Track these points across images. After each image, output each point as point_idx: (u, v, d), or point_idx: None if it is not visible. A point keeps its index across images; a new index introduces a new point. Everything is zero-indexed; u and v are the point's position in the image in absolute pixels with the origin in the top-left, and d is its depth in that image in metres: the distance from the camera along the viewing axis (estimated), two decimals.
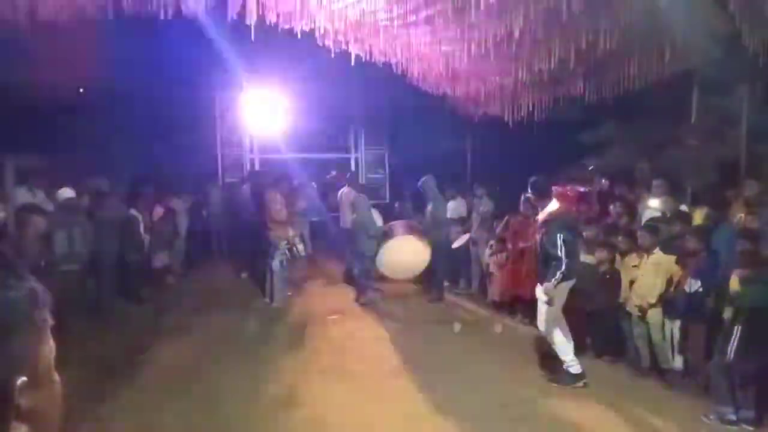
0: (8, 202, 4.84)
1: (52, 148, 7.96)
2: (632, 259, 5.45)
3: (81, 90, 9.65)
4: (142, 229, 7.77)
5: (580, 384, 4.87)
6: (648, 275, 5.16)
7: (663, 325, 5.09)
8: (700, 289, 4.70)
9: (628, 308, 5.29)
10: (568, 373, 4.93)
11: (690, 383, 4.88)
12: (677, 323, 5.01)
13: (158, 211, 8.51)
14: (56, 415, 0.73)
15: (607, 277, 5.57)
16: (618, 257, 5.64)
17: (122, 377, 5.09)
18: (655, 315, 5.11)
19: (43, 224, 3.47)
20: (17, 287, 0.68)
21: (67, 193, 6.47)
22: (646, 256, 5.26)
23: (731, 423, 4.15)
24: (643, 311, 5.16)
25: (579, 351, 5.14)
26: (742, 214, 5.43)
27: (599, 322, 5.61)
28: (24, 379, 0.65)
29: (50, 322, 0.74)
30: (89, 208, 7.04)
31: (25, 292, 0.69)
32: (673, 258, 5.09)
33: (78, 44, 7.44)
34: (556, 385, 4.93)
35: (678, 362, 5.06)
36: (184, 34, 7.17)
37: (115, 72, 8.73)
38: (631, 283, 5.33)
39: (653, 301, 5.08)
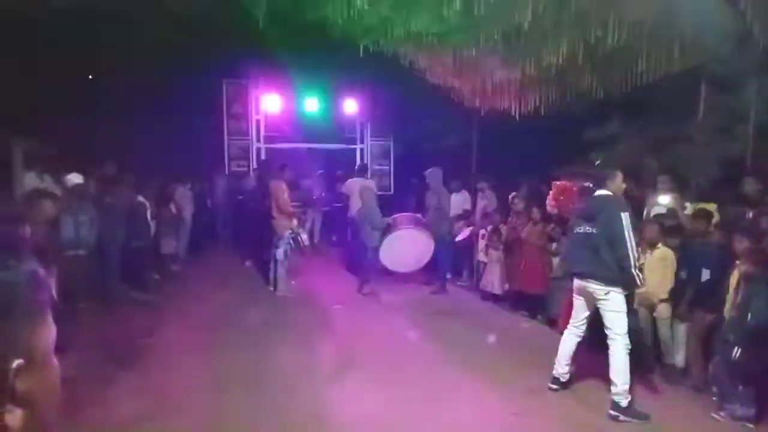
0: (16, 184, 4.89)
1: (61, 133, 8.00)
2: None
3: (90, 76, 9.69)
4: (149, 216, 7.82)
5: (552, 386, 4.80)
6: (656, 270, 5.13)
7: (672, 320, 5.09)
8: (709, 277, 4.72)
9: (635, 305, 5.27)
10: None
11: (690, 379, 4.90)
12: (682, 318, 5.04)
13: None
14: (53, 400, 0.72)
15: None
16: None
17: (127, 362, 5.15)
18: (665, 310, 5.10)
19: (53, 209, 3.50)
20: (17, 269, 0.68)
21: (75, 178, 6.52)
22: (650, 251, 5.24)
23: (739, 419, 4.17)
24: (652, 306, 5.15)
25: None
26: (751, 212, 5.41)
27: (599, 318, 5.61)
28: (20, 361, 0.65)
29: (50, 306, 0.74)
30: (97, 194, 7.10)
31: (25, 274, 0.69)
32: (671, 252, 5.10)
33: (87, 30, 7.47)
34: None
35: (679, 358, 5.07)
36: (192, 23, 7.19)
37: (123, 58, 8.76)
38: None
39: (665, 296, 5.06)
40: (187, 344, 5.75)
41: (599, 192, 4.55)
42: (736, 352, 4.10)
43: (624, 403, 4.27)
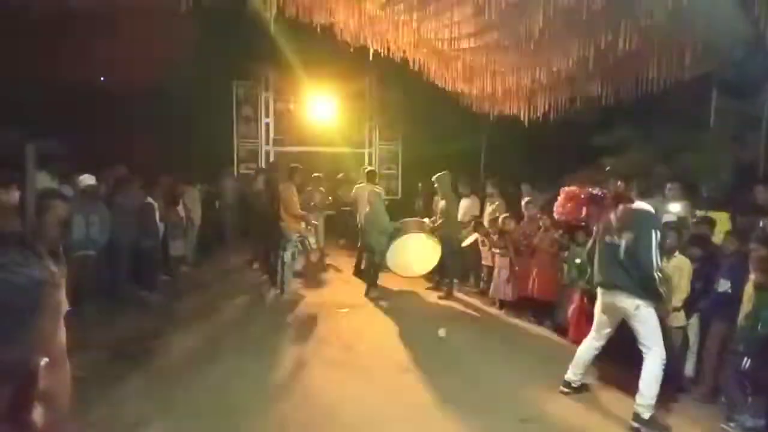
0: (28, 185, 4.93)
1: (72, 134, 8.08)
2: None
3: (102, 78, 9.78)
4: (157, 217, 7.86)
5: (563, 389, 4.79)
6: (671, 279, 5.09)
7: (684, 329, 5.04)
8: (729, 290, 4.65)
9: None
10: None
11: (700, 389, 4.84)
12: (695, 328, 4.98)
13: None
14: (67, 398, 0.73)
15: None
16: None
17: (134, 362, 5.18)
18: (678, 319, 5.05)
19: (65, 210, 3.52)
20: (40, 267, 0.69)
21: (88, 179, 6.58)
22: (666, 259, 5.17)
23: (749, 430, 4.12)
24: (665, 315, 5.09)
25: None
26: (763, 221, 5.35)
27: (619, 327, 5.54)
28: (46, 359, 0.66)
29: (66, 306, 0.75)
30: (108, 195, 7.14)
31: (46, 273, 0.70)
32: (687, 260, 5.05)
33: (99, 32, 7.54)
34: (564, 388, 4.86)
35: (689, 367, 5.02)
36: (203, 25, 7.24)
37: (135, 61, 8.84)
38: None
39: (679, 305, 5.02)
40: (193, 346, 5.77)
41: (637, 205, 4.41)
42: (746, 362, 4.06)
43: (646, 415, 4.17)
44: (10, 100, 7.56)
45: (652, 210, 4.38)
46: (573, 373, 4.74)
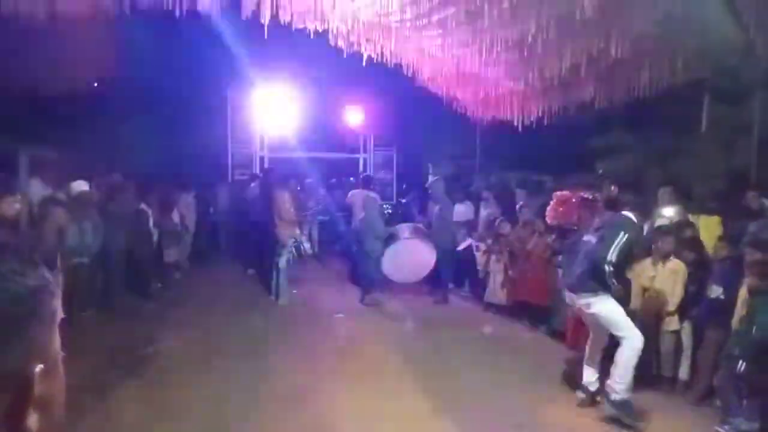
0: (25, 194, 4.91)
1: (65, 141, 8.04)
2: (646, 266, 5.28)
3: (95, 84, 9.75)
4: (151, 224, 7.83)
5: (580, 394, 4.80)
6: (666, 283, 5.10)
7: (678, 333, 5.06)
8: (722, 296, 4.68)
9: (644, 317, 5.16)
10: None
11: (694, 392, 4.86)
12: (688, 331, 5.00)
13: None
14: (61, 405, 0.73)
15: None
16: None
17: (129, 370, 5.15)
18: (673, 322, 5.06)
19: (64, 218, 3.52)
20: (35, 277, 0.69)
21: (81, 186, 6.54)
22: (662, 263, 5.19)
23: None
24: (659, 319, 5.12)
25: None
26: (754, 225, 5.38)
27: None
28: (42, 366, 0.66)
29: (61, 313, 0.75)
30: (101, 202, 7.11)
31: (41, 281, 0.70)
32: (683, 264, 5.07)
33: (93, 39, 7.53)
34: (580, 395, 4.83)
35: (683, 371, 5.04)
36: (197, 32, 7.24)
37: (129, 68, 8.83)
38: (644, 290, 5.25)
39: (672, 309, 5.04)
40: (188, 353, 5.74)
41: (625, 212, 4.56)
42: (741, 365, 4.08)
43: (616, 397, 4.27)
44: (2, 107, 7.54)
45: (633, 218, 4.51)
46: (588, 376, 4.72)
